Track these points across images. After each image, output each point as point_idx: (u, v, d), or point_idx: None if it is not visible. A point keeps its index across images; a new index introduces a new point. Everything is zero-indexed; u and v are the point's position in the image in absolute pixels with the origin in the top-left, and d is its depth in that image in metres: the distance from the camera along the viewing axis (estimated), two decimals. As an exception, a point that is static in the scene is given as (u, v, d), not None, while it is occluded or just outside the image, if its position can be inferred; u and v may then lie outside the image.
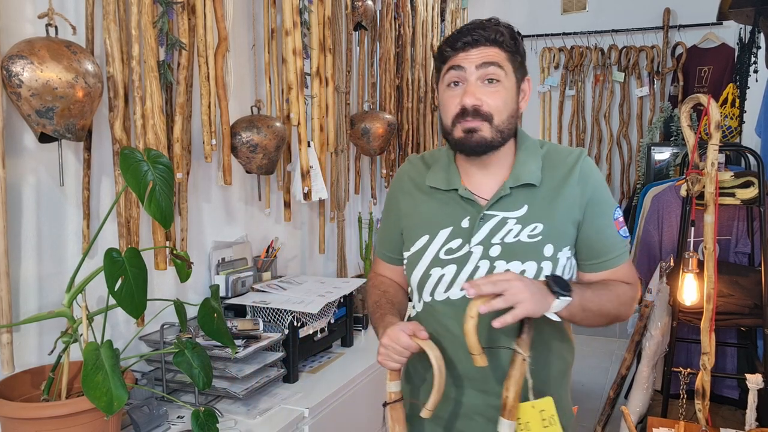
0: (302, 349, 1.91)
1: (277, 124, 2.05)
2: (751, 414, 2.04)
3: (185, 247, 1.88)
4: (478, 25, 1.17)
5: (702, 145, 2.19)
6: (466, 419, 1.23)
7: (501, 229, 1.18)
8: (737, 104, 3.22)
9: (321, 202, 2.61)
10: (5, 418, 1.20)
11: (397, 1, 3.13)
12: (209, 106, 1.88)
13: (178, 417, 1.57)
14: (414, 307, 1.30)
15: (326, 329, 2.04)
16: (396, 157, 3.22)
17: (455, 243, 1.21)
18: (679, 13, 4.43)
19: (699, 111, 2.32)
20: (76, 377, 1.31)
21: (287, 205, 2.36)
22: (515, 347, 1.10)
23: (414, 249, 1.25)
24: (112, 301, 1.20)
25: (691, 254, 2.25)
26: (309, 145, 2.34)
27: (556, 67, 4.74)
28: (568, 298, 1.08)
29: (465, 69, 1.16)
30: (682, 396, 2.23)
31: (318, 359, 2.06)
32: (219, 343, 1.50)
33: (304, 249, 2.60)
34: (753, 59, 3.14)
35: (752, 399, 2.02)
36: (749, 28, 3.20)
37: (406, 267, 1.29)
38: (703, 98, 2.03)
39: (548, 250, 1.17)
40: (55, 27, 1.39)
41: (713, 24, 4.15)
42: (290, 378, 1.84)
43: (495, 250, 1.17)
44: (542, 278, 1.15)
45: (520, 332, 1.11)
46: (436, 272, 1.22)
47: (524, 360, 1.09)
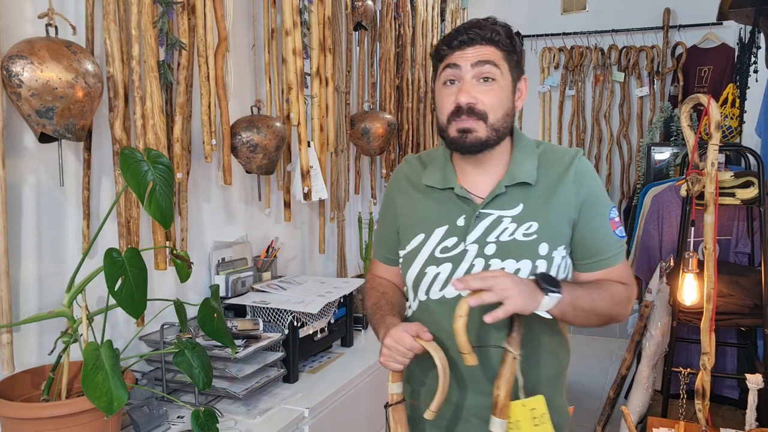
0: (302, 349, 1.91)
1: (277, 124, 2.05)
2: (751, 414, 2.04)
3: (185, 247, 1.88)
4: (475, 24, 1.17)
5: (702, 145, 2.19)
6: (465, 420, 1.23)
7: (496, 228, 1.18)
8: (737, 104, 3.22)
9: (321, 202, 2.61)
10: (5, 418, 1.20)
11: (397, 1, 3.13)
12: (209, 106, 1.88)
13: (178, 417, 1.57)
14: (410, 307, 1.30)
15: (326, 329, 2.04)
16: (396, 157, 3.22)
17: (451, 241, 1.21)
18: (679, 13, 4.43)
19: (699, 111, 2.32)
20: (76, 377, 1.31)
21: (287, 205, 2.36)
22: (505, 346, 1.10)
23: (409, 247, 1.26)
24: (112, 301, 1.20)
25: (691, 254, 2.25)
26: (309, 145, 2.34)
27: (556, 67, 4.74)
28: (558, 295, 1.08)
29: (461, 67, 1.17)
30: (682, 396, 2.23)
31: (318, 359, 2.06)
32: (219, 343, 1.50)
33: (304, 249, 2.60)
34: (753, 59, 3.14)
35: (752, 399, 2.02)
36: (749, 28, 3.20)
37: (401, 266, 1.29)
38: (703, 98, 2.03)
39: (543, 248, 1.17)
40: (55, 27, 1.39)
41: (713, 24, 4.15)
42: (290, 378, 1.84)
43: (490, 249, 1.18)
44: (531, 277, 1.15)
45: (510, 331, 1.11)
46: (431, 271, 1.22)
47: (515, 358, 1.09)
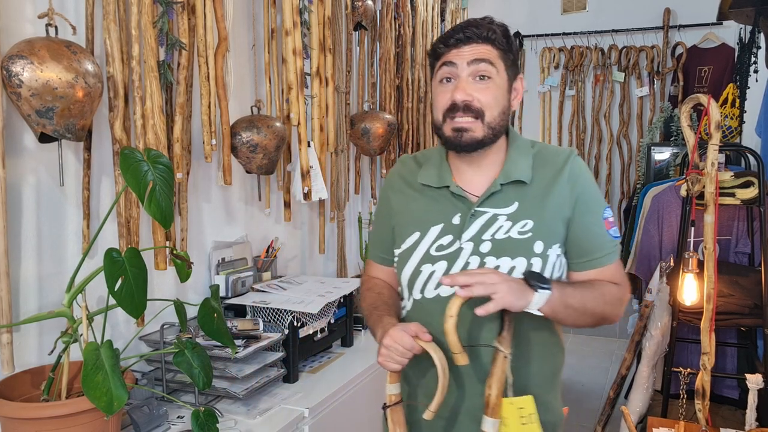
0: (302, 349, 1.91)
1: (277, 124, 2.05)
2: (751, 414, 2.04)
3: (185, 247, 1.88)
4: (471, 23, 1.19)
5: (702, 145, 2.19)
6: (458, 420, 1.23)
7: (491, 226, 1.19)
8: (737, 104, 3.22)
9: (321, 202, 2.61)
10: (5, 418, 1.20)
11: (397, 1, 3.13)
12: (209, 106, 1.88)
13: (178, 417, 1.57)
14: (404, 308, 1.30)
15: (326, 329, 2.04)
16: (396, 157, 3.22)
17: (446, 239, 1.21)
18: (679, 13, 4.43)
19: (699, 111, 2.32)
20: (76, 377, 1.31)
21: (287, 205, 2.36)
22: (496, 345, 1.10)
23: (405, 246, 1.26)
24: (112, 301, 1.20)
25: (691, 254, 2.25)
26: (309, 145, 2.34)
27: (556, 67, 4.74)
28: (548, 291, 1.09)
29: (457, 65, 1.17)
30: (682, 396, 2.23)
31: (318, 359, 2.06)
32: (219, 343, 1.50)
33: (304, 249, 2.60)
34: (753, 59, 3.14)
35: (752, 399, 2.02)
36: (749, 28, 3.20)
37: (396, 264, 1.29)
38: (703, 98, 2.03)
39: (538, 246, 1.18)
40: (55, 27, 1.39)
41: (713, 24, 4.15)
42: (290, 378, 1.84)
43: (485, 247, 1.18)
44: (520, 276, 1.15)
45: (500, 330, 1.11)
46: (426, 269, 1.22)
47: (506, 357, 1.09)
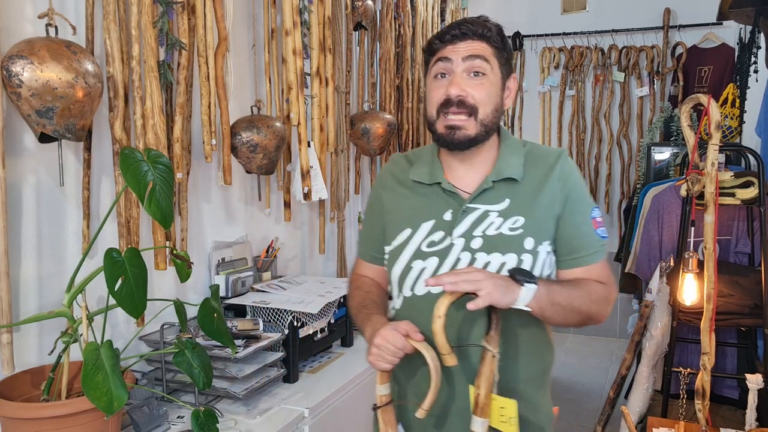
0: (302, 349, 1.91)
1: (277, 124, 2.05)
2: (751, 414, 2.04)
3: (185, 247, 1.88)
4: (467, 20, 1.20)
5: (702, 145, 2.19)
6: (447, 419, 1.23)
7: (483, 222, 1.20)
8: (737, 104, 3.22)
9: (321, 202, 2.61)
10: (5, 418, 1.20)
11: (397, 1, 3.13)
12: (209, 106, 1.88)
13: (178, 417, 1.58)
14: (393, 308, 1.30)
15: (326, 329, 2.04)
16: (396, 157, 3.22)
17: (437, 236, 1.22)
18: (679, 13, 4.42)
19: (699, 111, 2.32)
20: (76, 377, 1.31)
21: (287, 205, 2.36)
22: (484, 344, 1.10)
23: (396, 243, 1.26)
24: (112, 301, 1.20)
25: (691, 254, 2.25)
26: (309, 145, 2.34)
27: (556, 67, 4.74)
28: (534, 286, 1.09)
29: (452, 61, 1.19)
30: (682, 396, 2.23)
31: (318, 359, 2.06)
32: (219, 343, 1.50)
33: (304, 249, 2.60)
34: (753, 59, 3.14)
35: (752, 399, 2.02)
36: (749, 28, 3.20)
37: (387, 261, 1.29)
38: (703, 98, 2.03)
39: (529, 243, 1.18)
40: (55, 27, 1.39)
41: (713, 24, 4.15)
42: (290, 378, 1.84)
43: (476, 243, 1.19)
44: (506, 273, 1.16)
45: (488, 329, 1.11)
46: (417, 265, 1.22)
47: (494, 357, 1.09)
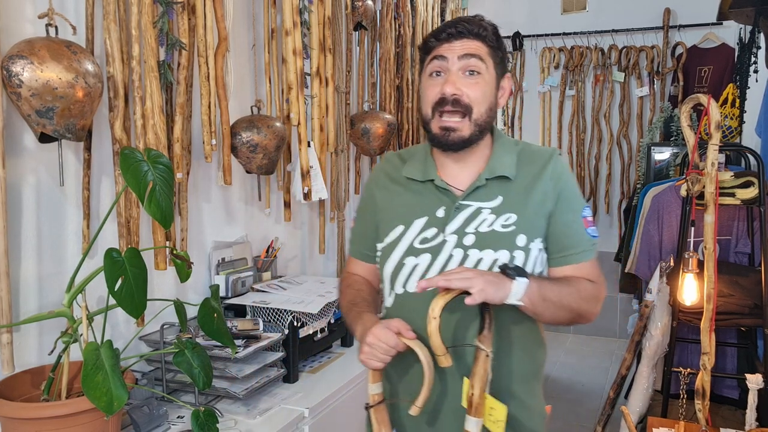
0: (302, 349, 1.91)
1: (277, 124, 2.05)
2: (751, 414, 2.04)
3: (185, 247, 1.88)
4: (463, 19, 1.21)
5: (702, 145, 2.19)
6: (440, 418, 1.23)
7: (475, 219, 1.20)
8: (737, 104, 3.22)
9: (321, 202, 2.61)
10: (5, 418, 1.20)
11: (397, 1, 3.13)
12: (209, 106, 1.88)
13: (178, 417, 1.58)
14: (385, 304, 1.30)
15: (326, 329, 2.04)
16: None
17: (430, 232, 1.22)
18: (679, 13, 4.42)
19: (699, 111, 2.32)
20: (76, 377, 1.31)
21: (287, 205, 2.36)
22: (477, 344, 1.10)
23: (389, 240, 1.26)
24: (112, 301, 1.20)
25: (691, 254, 2.25)
26: (309, 145, 2.34)
27: (556, 67, 4.74)
28: (525, 280, 1.10)
29: (447, 59, 1.19)
30: (682, 396, 2.23)
31: (318, 359, 2.06)
32: (219, 343, 1.50)
33: (304, 249, 2.60)
34: (753, 59, 3.14)
35: (752, 399, 2.02)
36: (749, 28, 3.20)
37: (379, 259, 1.29)
38: (703, 98, 2.03)
39: (521, 240, 1.19)
40: (55, 27, 1.39)
41: (713, 24, 4.14)
42: (290, 378, 1.84)
43: (469, 239, 1.19)
44: (497, 269, 1.16)
45: (481, 328, 1.11)
46: (410, 261, 1.22)
47: (487, 356, 1.09)
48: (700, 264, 2.25)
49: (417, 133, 3.43)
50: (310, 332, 1.94)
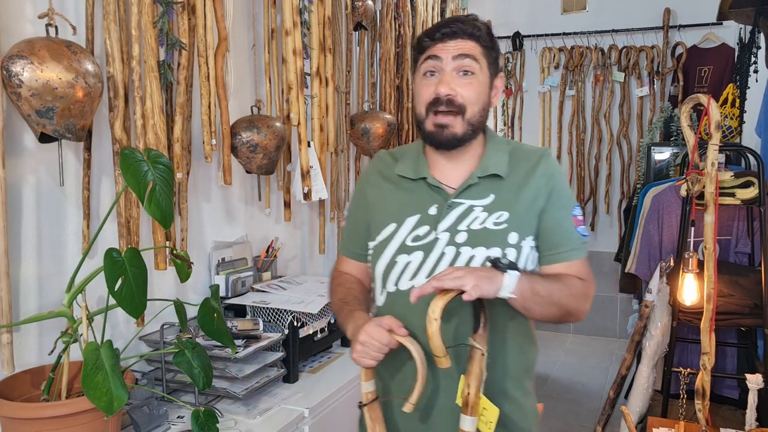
0: (302, 349, 1.91)
1: (277, 124, 2.05)
2: (751, 414, 2.04)
3: (185, 247, 1.88)
4: (457, 19, 1.21)
5: (702, 145, 2.19)
6: (435, 417, 1.23)
7: (467, 216, 1.21)
8: (737, 104, 3.22)
9: (321, 202, 2.61)
10: (5, 418, 1.20)
11: (397, 1, 3.13)
12: (209, 106, 1.88)
13: (178, 417, 1.58)
14: (376, 302, 1.30)
15: (326, 329, 2.04)
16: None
17: (422, 230, 1.22)
18: (679, 13, 4.42)
19: (699, 111, 2.32)
20: (76, 377, 1.31)
21: (287, 205, 2.36)
22: (472, 343, 1.10)
23: (380, 238, 1.26)
24: (112, 301, 1.20)
25: (691, 254, 2.25)
26: (309, 145, 2.34)
27: (556, 67, 4.74)
28: (516, 272, 1.10)
29: (441, 59, 1.19)
30: (682, 396, 2.23)
31: (318, 359, 2.06)
32: (219, 343, 1.50)
33: (304, 249, 2.60)
34: (753, 59, 3.14)
35: (752, 399, 2.02)
36: (749, 28, 3.20)
37: (371, 257, 1.29)
38: (703, 98, 2.03)
39: (513, 237, 1.19)
40: (55, 27, 1.39)
41: (713, 24, 4.15)
42: (290, 378, 1.84)
43: (461, 237, 1.19)
44: (487, 264, 1.16)
45: (476, 328, 1.11)
46: (402, 259, 1.23)
47: (483, 355, 1.09)
48: (700, 264, 2.25)
49: (417, 132, 3.43)
50: (310, 332, 1.94)
